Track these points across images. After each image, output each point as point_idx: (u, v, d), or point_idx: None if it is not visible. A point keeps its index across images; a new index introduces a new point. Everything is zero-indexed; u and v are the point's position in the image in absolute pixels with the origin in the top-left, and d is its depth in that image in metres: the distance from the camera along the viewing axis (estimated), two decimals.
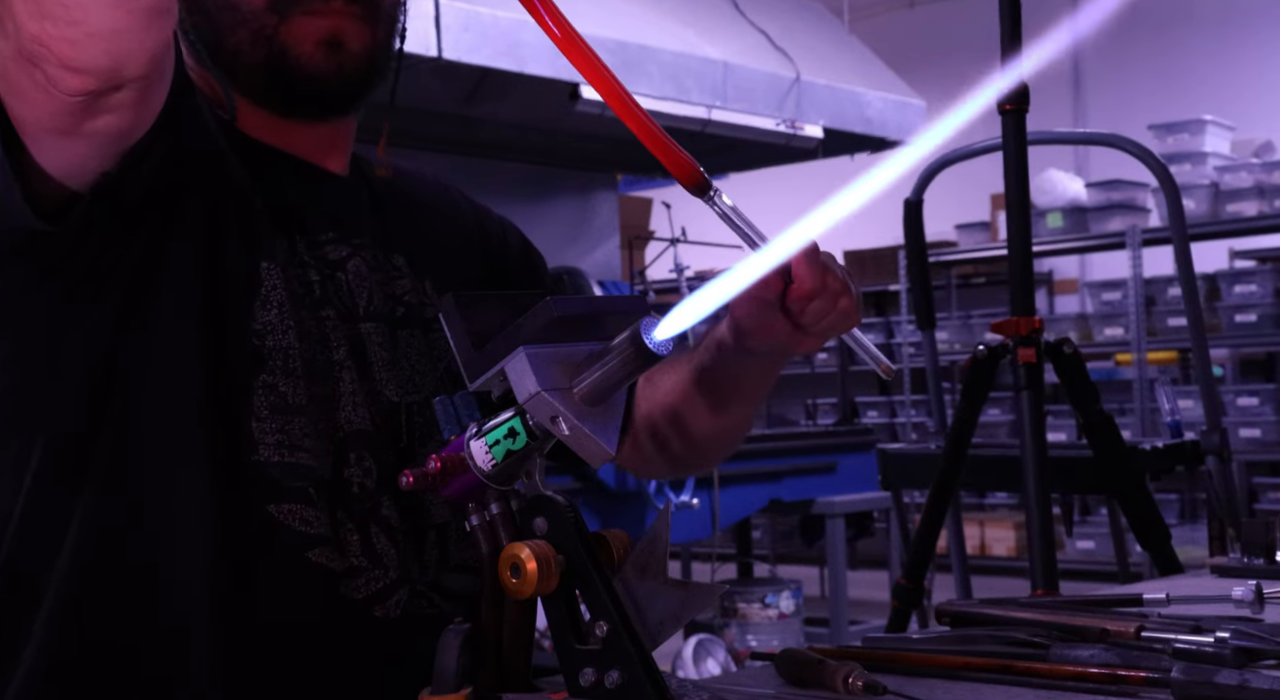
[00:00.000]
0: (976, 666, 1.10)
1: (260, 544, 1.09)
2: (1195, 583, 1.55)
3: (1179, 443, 3.21)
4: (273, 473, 1.09)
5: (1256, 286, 6.61)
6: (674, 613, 0.92)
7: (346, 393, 1.15)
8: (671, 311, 0.86)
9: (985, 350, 2.63)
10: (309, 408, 1.12)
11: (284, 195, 1.19)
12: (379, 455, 1.15)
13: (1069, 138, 6.43)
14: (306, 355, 1.13)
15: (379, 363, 1.18)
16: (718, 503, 4.20)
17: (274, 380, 1.10)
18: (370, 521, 1.13)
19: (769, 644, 4.50)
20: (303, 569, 1.09)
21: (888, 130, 5.58)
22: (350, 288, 1.19)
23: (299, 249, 1.17)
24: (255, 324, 1.11)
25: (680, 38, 4.90)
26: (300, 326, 1.13)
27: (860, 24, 6.73)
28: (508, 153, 5.39)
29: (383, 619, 1.12)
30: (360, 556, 1.12)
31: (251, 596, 1.09)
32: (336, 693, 1.11)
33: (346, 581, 1.11)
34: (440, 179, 1.42)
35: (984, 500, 7.88)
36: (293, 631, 1.10)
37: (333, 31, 1.15)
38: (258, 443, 1.09)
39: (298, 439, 1.11)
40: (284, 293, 1.13)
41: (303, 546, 1.10)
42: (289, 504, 1.10)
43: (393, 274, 1.24)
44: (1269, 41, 8.18)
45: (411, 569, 1.15)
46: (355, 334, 1.18)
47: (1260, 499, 7.00)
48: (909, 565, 2.79)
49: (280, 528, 1.09)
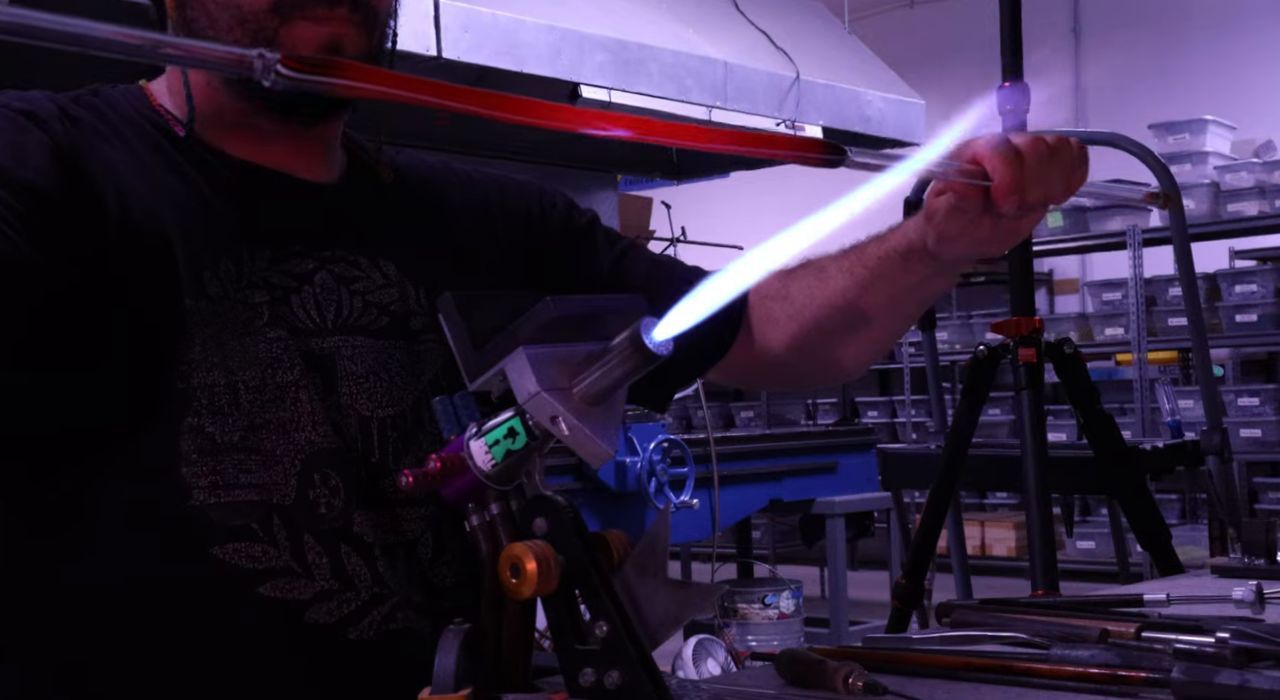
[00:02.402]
0: (976, 666, 1.09)
1: (208, 589, 1.07)
2: (1196, 583, 1.55)
3: (1179, 443, 3.21)
4: (211, 515, 1.07)
5: (1257, 286, 6.61)
6: (674, 613, 0.92)
7: (305, 413, 1.12)
8: (671, 311, 0.86)
9: (985, 350, 2.63)
10: (246, 441, 1.09)
11: (246, 211, 1.16)
12: (347, 473, 1.13)
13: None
14: (246, 385, 1.10)
15: (348, 376, 1.15)
16: (718, 503, 4.20)
17: (200, 422, 1.08)
18: (341, 542, 1.11)
19: (769, 644, 4.50)
20: (257, 605, 1.07)
21: (887, 130, 5.58)
22: (318, 301, 1.16)
23: (249, 270, 1.14)
24: (180, 365, 1.08)
25: (680, 38, 4.90)
26: (230, 359, 1.10)
27: (860, 24, 6.73)
28: (508, 153, 5.38)
29: (357, 641, 1.10)
30: (330, 579, 1.10)
31: (210, 643, 1.07)
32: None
33: (315, 607, 1.09)
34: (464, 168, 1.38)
35: (984, 500, 7.88)
36: (258, 665, 1.08)
37: (333, 38, 1.14)
38: (191, 487, 1.07)
39: (232, 476, 1.08)
40: (213, 327, 1.10)
41: (253, 582, 1.08)
42: (233, 543, 1.08)
43: (378, 282, 1.21)
44: (1269, 42, 8.17)
45: (387, 586, 1.12)
46: (316, 350, 1.14)
47: (1261, 499, 6.99)
48: (909, 565, 2.79)
49: (227, 568, 1.07)
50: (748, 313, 1.37)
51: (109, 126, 1.15)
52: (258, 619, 1.08)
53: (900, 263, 1.22)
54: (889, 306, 1.28)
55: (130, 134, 1.16)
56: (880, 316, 1.30)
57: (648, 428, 3.99)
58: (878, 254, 1.24)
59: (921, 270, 1.22)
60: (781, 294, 1.34)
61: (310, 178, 1.22)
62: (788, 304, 1.33)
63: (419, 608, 1.14)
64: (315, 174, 1.23)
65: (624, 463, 3.91)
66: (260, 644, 1.08)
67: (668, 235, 5.50)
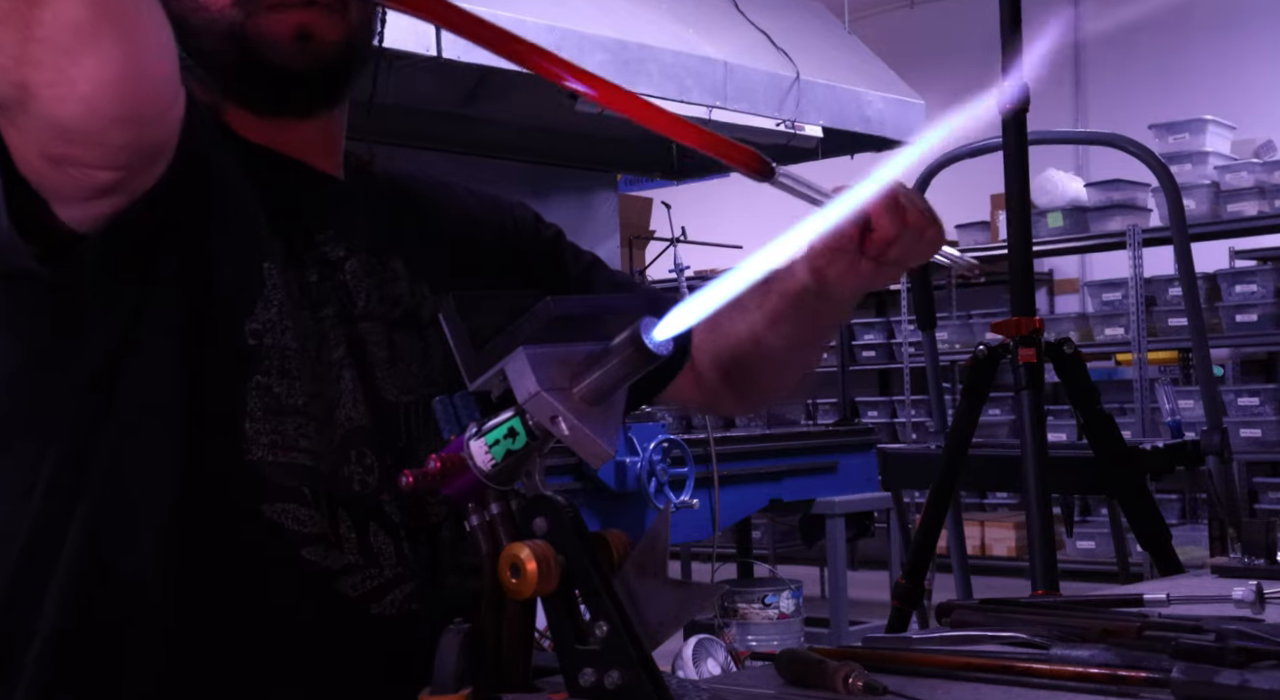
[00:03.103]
0: (976, 666, 1.09)
1: (255, 543, 1.09)
2: (1196, 583, 1.55)
3: (1179, 443, 3.21)
4: (266, 472, 1.09)
5: (1257, 286, 6.61)
6: (674, 613, 0.92)
7: (346, 390, 1.15)
8: (671, 311, 0.86)
9: (985, 350, 2.63)
10: (306, 407, 1.12)
11: (279, 195, 1.19)
12: (379, 452, 1.16)
13: (1069, 138, 6.44)
14: (304, 355, 1.13)
15: (377, 362, 1.19)
16: (718, 503, 4.20)
17: (268, 381, 1.11)
18: (370, 519, 1.14)
19: (769, 644, 4.50)
20: (297, 567, 1.10)
21: (887, 130, 5.58)
22: (349, 287, 1.19)
23: (297, 248, 1.17)
24: (254, 323, 1.11)
25: (680, 38, 4.90)
26: (298, 326, 1.13)
27: (860, 24, 6.73)
28: (508, 153, 5.38)
29: (379, 617, 1.12)
30: (357, 554, 1.12)
31: (246, 596, 1.09)
32: (335, 689, 1.11)
33: (342, 579, 1.11)
34: (441, 178, 1.41)
35: (984, 500, 7.88)
36: (289, 629, 1.10)
37: (301, 25, 1.14)
38: (251, 442, 1.09)
39: (292, 439, 1.11)
40: (283, 293, 1.13)
41: (296, 545, 1.10)
42: (283, 503, 1.10)
43: (389, 276, 1.24)
44: (1269, 42, 8.17)
45: (411, 567, 1.15)
46: (354, 333, 1.18)
47: (1261, 499, 6.99)
48: (909, 565, 2.79)
49: (274, 527, 1.09)
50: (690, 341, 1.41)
51: None
52: (296, 581, 1.10)
53: (795, 301, 1.27)
54: (794, 340, 1.33)
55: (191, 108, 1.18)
56: (788, 349, 1.35)
57: (648, 428, 3.99)
58: (778, 291, 1.29)
59: (814, 306, 1.27)
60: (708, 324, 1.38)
61: (325, 169, 1.25)
62: (714, 335, 1.38)
63: (440, 590, 1.16)
64: (327, 167, 1.25)
65: (624, 463, 3.91)
66: (296, 606, 1.10)
67: (668, 235, 5.49)
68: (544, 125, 5.14)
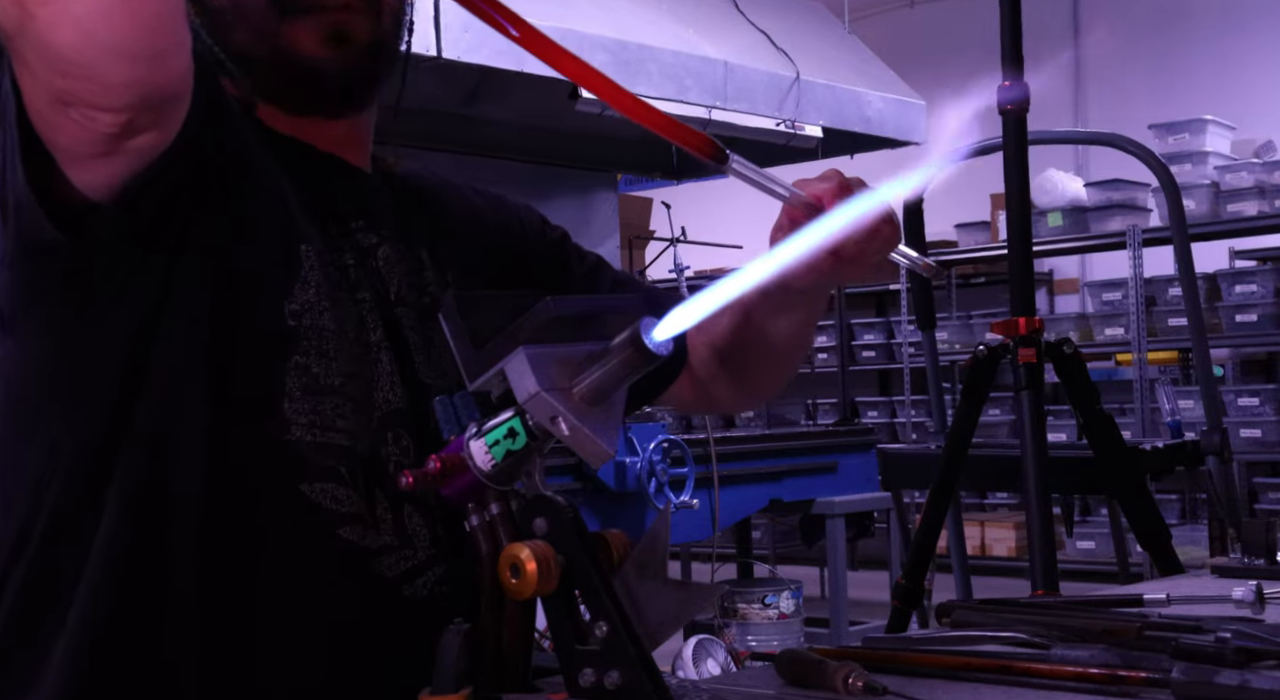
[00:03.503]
0: (976, 666, 1.09)
1: (292, 522, 1.09)
2: (1196, 583, 1.55)
3: (1179, 443, 3.21)
4: (305, 452, 1.10)
5: (1257, 286, 6.61)
6: (674, 613, 0.92)
7: (384, 373, 1.16)
8: (671, 311, 0.86)
9: (985, 350, 2.63)
10: (343, 388, 1.13)
11: (313, 182, 1.20)
12: (415, 435, 1.17)
13: (1069, 138, 6.44)
14: (343, 336, 1.14)
15: (414, 346, 1.20)
16: (718, 503, 4.20)
17: (307, 361, 1.11)
18: (405, 500, 1.14)
19: (769, 644, 4.50)
20: (334, 546, 1.10)
21: (887, 130, 5.58)
22: (383, 273, 1.21)
23: (332, 233, 1.19)
24: (293, 304, 1.12)
25: (680, 38, 4.90)
26: (336, 308, 1.14)
27: (860, 24, 6.73)
28: (508, 153, 5.38)
29: (410, 598, 1.13)
30: (392, 535, 1.13)
31: (283, 574, 1.09)
32: (366, 668, 1.12)
33: (378, 559, 1.12)
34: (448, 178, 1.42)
35: (984, 500, 7.88)
36: (325, 607, 1.10)
37: (336, 26, 1.15)
38: (290, 422, 1.10)
39: (329, 419, 1.11)
40: (321, 275, 1.14)
41: (334, 524, 1.10)
42: (321, 483, 1.10)
43: (415, 266, 1.25)
44: (1269, 42, 8.17)
45: (443, 550, 1.15)
46: (391, 317, 1.19)
47: (1260, 499, 6.99)
48: (909, 565, 2.79)
49: (312, 506, 1.10)
50: None
51: None
52: (334, 559, 1.10)
53: (760, 298, 1.27)
54: (765, 338, 1.35)
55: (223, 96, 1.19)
56: (760, 348, 1.36)
57: (648, 428, 3.99)
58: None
59: (779, 301, 1.27)
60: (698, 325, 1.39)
61: (354, 163, 1.26)
62: (703, 334, 1.39)
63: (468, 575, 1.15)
64: (357, 160, 1.26)
65: (624, 463, 3.91)
66: (334, 584, 1.10)
67: (668, 235, 5.49)
68: (544, 125, 5.14)
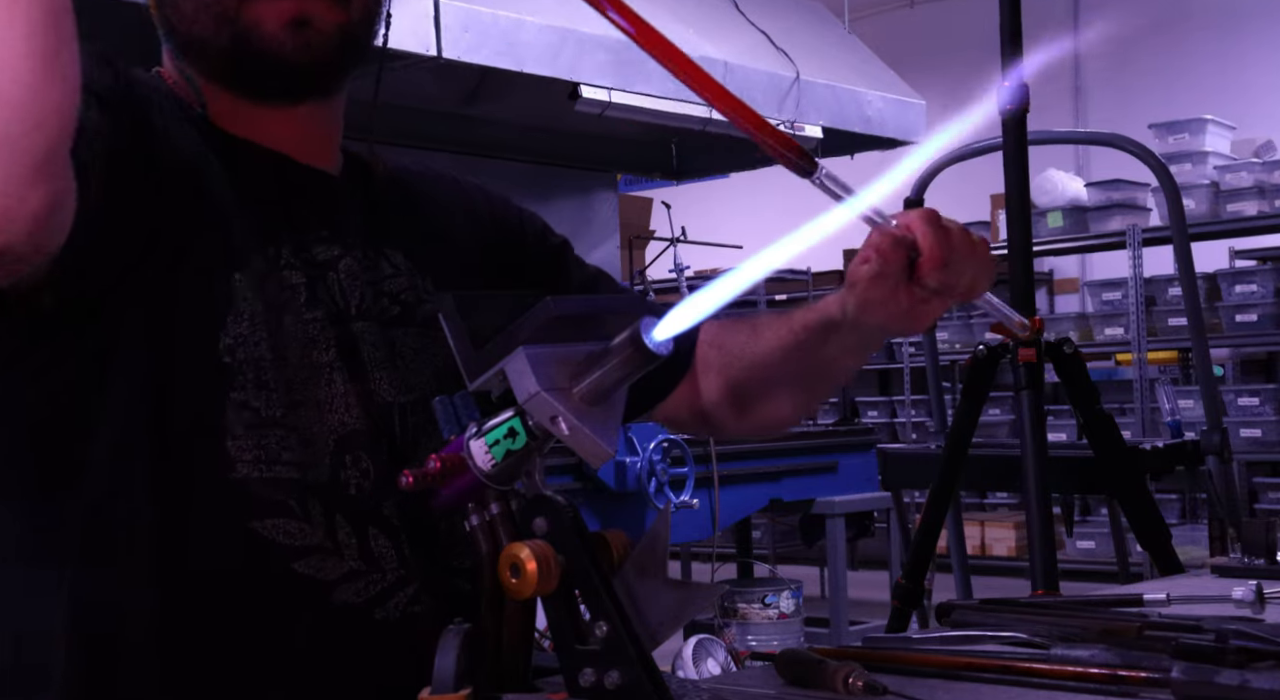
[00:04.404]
0: (976, 666, 1.09)
1: (245, 561, 1.08)
2: (1196, 583, 1.55)
3: (1179, 443, 3.21)
4: (252, 489, 1.08)
5: (1257, 286, 6.61)
6: (674, 613, 0.92)
7: (338, 394, 1.14)
8: (671, 311, 0.86)
9: (985, 350, 2.63)
10: (286, 419, 1.10)
11: (268, 194, 1.17)
12: (376, 455, 1.14)
13: (1069, 138, 6.44)
14: (283, 364, 1.11)
15: (374, 362, 1.17)
16: (718, 503, 4.20)
17: (245, 396, 1.09)
18: (369, 523, 1.13)
19: (769, 644, 4.50)
20: (291, 581, 1.08)
21: (887, 130, 5.58)
22: (343, 287, 1.18)
23: (284, 252, 1.15)
24: (228, 339, 1.09)
25: (680, 38, 4.86)
26: (276, 336, 1.11)
27: (860, 24, 6.73)
28: (508, 153, 5.39)
29: (383, 621, 1.11)
30: (358, 560, 1.11)
31: (239, 615, 1.08)
32: (351, 696, 1.10)
33: (343, 587, 1.10)
34: (451, 173, 1.39)
35: (984, 500, 7.88)
36: (284, 643, 1.09)
37: (298, 12, 1.12)
38: (235, 461, 1.08)
39: (275, 453, 1.09)
40: (258, 303, 1.11)
41: (288, 559, 1.09)
42: (272, 519, 1.08)
43: (387, 272, 1.22)
44: (1269, 41, 8.17)
45: (412, 570, 1.14)
46: (347, 334, 1.16)
47: (1260, 499, 6.99)
48: (909, 565, 2.79)
49: (264, 543, 1.08)
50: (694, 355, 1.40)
51: (158, 97, 1.14)
52: (289, 595, 1.09)
53: (820, 334, 1.26)
54: (806, 374, 1.33)
55: (170, 107, 1.15)
56: (798, 383, 1.35)
57: (648, 428, 3.99)
58: (803, 322, 1.28)
59: (838, 343, 1.26)
60: (717, 343, 1.39)
61: (318, 165, 1.23)
62: (722, 353, 1.38)
63: (440, 591, 1.15)
64: (322, 163, 1.23)
65: (624, 463, 3.91)
66: (289, 620, 1.09)
67: (668, 235, 5.49)
68: (544, 125, 5.14)
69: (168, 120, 1.12)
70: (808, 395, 1.39)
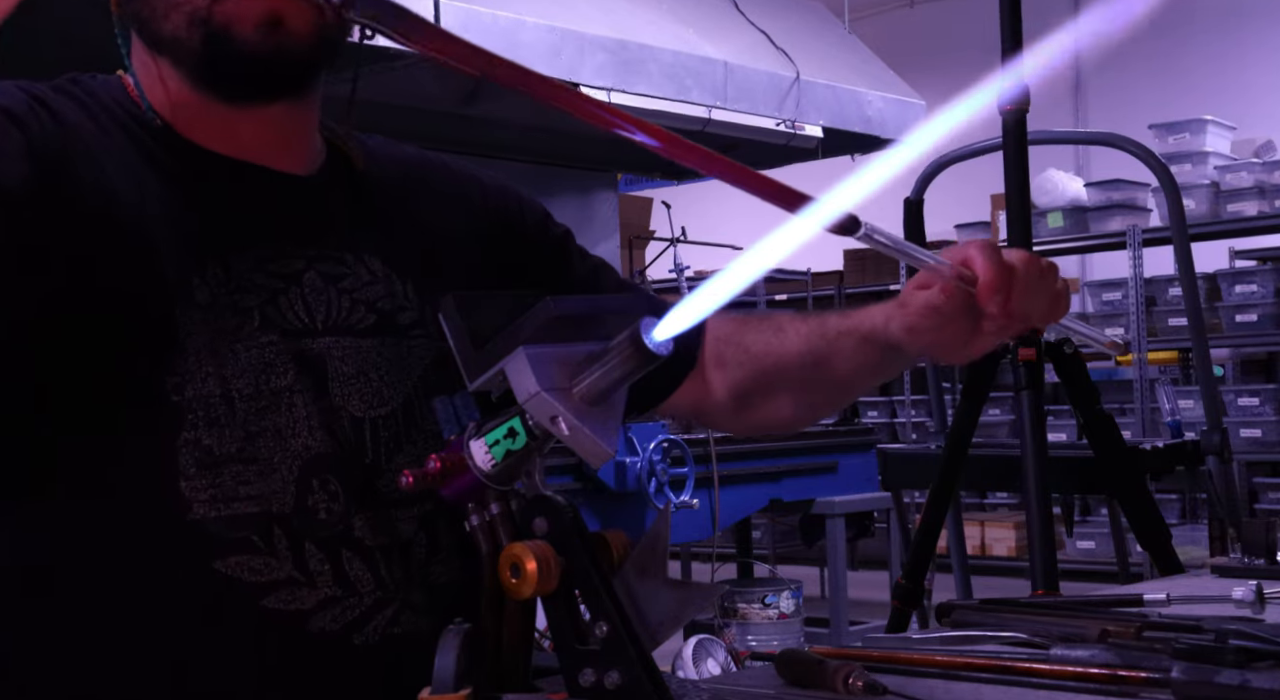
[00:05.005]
0: (976, 666, 1.09)
1: (212, 602, 1.06)
2: (1196, 583, 1.55)
3: (1179, 443, 3.21)
4: (211, 529, 1.06)
5: (1257, 286, 6.61)
6: (674, 613, 0.92)
7: (300, 418, 1.10)
8: (671, 311, 0.86)
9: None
10: (242, 453, 1.08)
11: (231, 209, 1.14)
12: (344, 476, 1.11)
13: (1069, 138, 6.44)
14: (232, 398, 1.08)
15: (339, 378, 1.14)
16: (718, 503, 4.20)
17: (196, 436, 1.06)
18: (342, 547, 1.10)
19: (769, 644, 4.50)
20: (261, 618, 1.07)
21: (887, 130, 5.58)
22: (306, 301, 1.14)
23: (236, 272, 1.12)
24: (174, 378, 1.07)
25: (680, 38, 4.90)
26: (226, 367, 1.08)
27: (860, 24, 6.73)
28: (508, 153, 5.38)
29: (363, 646, 1.09)
30: (333, 586, 1.09)
31: (215, 656, 1.06)
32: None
33: (319, 616, 1.08)
34: (443, 159, 1.36)
35: (984, 500, 7.88)
36: (261, 683, 1.07)
37: (271, 11, 1.09)
38: (191, 502, 1.06)
39: (232, 489, 1.07)
40: (205, 336, 1.08)
41: (255, 596, 1.06)
42: (235, 556, 1.06)
43: (365, 279, 1.19)
44: (1269, 41, 8.18)
45: (390, 592, 1.11)
46: (308, 352, 1.13)
47: (1260, 499, 6.99)
48: (909, 565, 2.79)
49: (230, 582, 1.06)
50: (702, 351, 1.37)
51: (92, 120, 1.12)
52: (262, 632, 1.07)
53: (858, 343, 1.24)
54: (835, 380, 1.31)
55: (113, 128, 1.13)
56: (824, 387, 1.33)
57: (648, 428, 3.99)
58: (839, 329, 1.26)
59: (877, 355, 1.24)
60: (735, 339, 1.36)
61: (290, 170, 1.19)
62: (740, 350, 1.35)
63: (419, 608, 1.13)
64: (294, 165, 1.20)
65: (624, 463, 3.91)
66: (265, 657, 1.07)
67: (668, 235, 5.49)
68: (544, 125, 5.14)
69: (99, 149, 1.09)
70: (813, 402, 1.37)
